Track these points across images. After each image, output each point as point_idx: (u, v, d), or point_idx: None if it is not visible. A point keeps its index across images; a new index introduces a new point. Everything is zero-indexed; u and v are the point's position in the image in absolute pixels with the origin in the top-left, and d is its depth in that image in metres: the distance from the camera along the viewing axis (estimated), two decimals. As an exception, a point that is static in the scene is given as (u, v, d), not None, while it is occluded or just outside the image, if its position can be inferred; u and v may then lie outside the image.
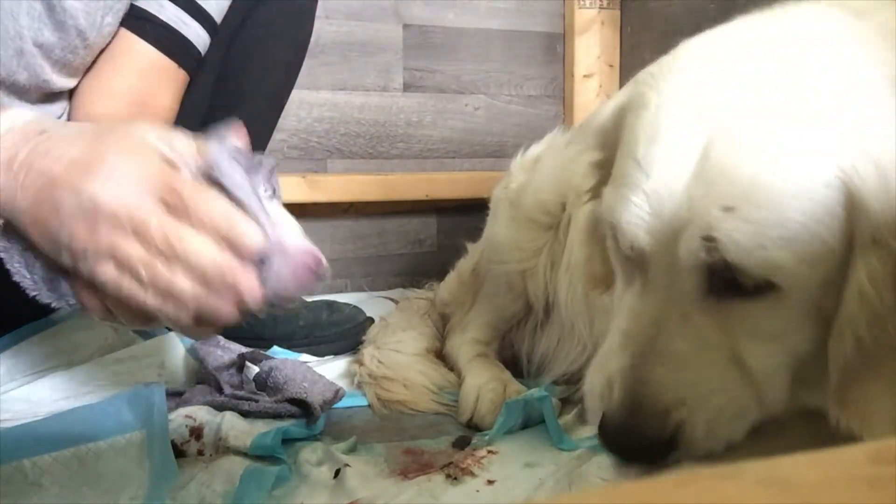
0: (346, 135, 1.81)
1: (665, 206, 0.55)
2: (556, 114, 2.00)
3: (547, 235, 1.13)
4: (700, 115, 0.56)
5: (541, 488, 0.80)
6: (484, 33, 1.92)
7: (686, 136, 0.55)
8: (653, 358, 0.57)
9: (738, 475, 0.23)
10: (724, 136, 0.54)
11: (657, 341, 0.57)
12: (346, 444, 0.90)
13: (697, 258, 0.54)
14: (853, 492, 0.23)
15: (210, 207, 0.60)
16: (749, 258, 0.53)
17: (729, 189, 0.53)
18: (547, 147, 1.21)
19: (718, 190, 0.53)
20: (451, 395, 1.09)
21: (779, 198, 0.52)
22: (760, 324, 0.57)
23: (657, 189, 0.56)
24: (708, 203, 0.53)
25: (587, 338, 1.06)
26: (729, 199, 0.53)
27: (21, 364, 1.06)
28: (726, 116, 0.55)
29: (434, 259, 1.83)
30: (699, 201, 0.54)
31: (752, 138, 0.54)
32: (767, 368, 0.57)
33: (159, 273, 0.59)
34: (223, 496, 0.76)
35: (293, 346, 1.25)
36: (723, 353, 0.57)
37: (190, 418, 0.90)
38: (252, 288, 0.60)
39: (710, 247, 0.53)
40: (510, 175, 1.22)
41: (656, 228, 0.56)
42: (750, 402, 0.58)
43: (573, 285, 1.08)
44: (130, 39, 1.04)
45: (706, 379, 0.57)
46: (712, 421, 0.57)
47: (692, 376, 0.57)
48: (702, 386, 0.57)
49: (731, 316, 0.57)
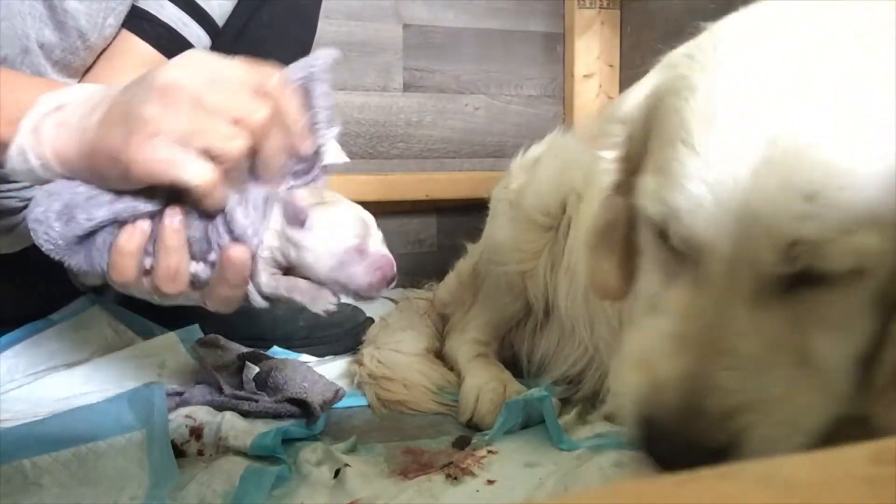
0: (345, 135, 1.81)
1: (731, 197, 0.51)
2: (556, 114, 2.00)
3: (547, 236, 1.13)
4: (762, 95, 0.51)
5: (541, 488, 0.80)
6: (484, 33, 1.92)
7: (748, 120, 0.51)
8: (717, 360, 0.52)
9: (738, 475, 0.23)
10: (793, 117, 0.50)
11: (720, 342, 0.52)
12: (346, 444, 0.90)
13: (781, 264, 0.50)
14: (853, 492, 0.23)
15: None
16: (836, 247, 0.49)
17: (808, 174, 0.48)
18: (547, 147, 1.21)
19: (796, 177, 0.49)
20: (451, 395, 1.09)
21: (862, 176, 0.48)
22: (834, 313, 0.53)
23: (721, 178, 0.51)
24: (787, 194, 0.49)
25: (588, 340, 1.06)
26: (809, 185, 0.48)
27: (21, 364, 1.06)
28: (792, 95, 0.50)
29: (434, 259, 1.83)
30: (776, 192, 0.49)
31: (826, 116, 0.49)
32: (838, 362, 0.53)
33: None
34: (223, 496, 0.76)
35: (293, 346, 1.25)
36: (792, 353, 0.53)
37: (190, 418, 0.90)
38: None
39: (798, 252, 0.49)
40: (510, 175, 1.21)
41: (720, 221, 0.51)
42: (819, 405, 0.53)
43: (573, 288, 1.07)
44: (130, 40, 1.04)
45: (775, 382, 0.52)
46: (780, 427, 0.52)
47: (761, 380, 0.52)
48: (771, 390, 0.52)
49: (803, 308, 0.52)
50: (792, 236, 0.49)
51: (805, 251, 0.49)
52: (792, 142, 0.49)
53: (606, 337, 1.01)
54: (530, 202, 1.14)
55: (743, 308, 0.52)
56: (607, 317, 1.00)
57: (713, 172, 0.51)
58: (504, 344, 1.20)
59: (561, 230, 1.12)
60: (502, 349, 1.20)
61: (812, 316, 0.52)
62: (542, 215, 1.13)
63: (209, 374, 1.02)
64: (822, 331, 0.53)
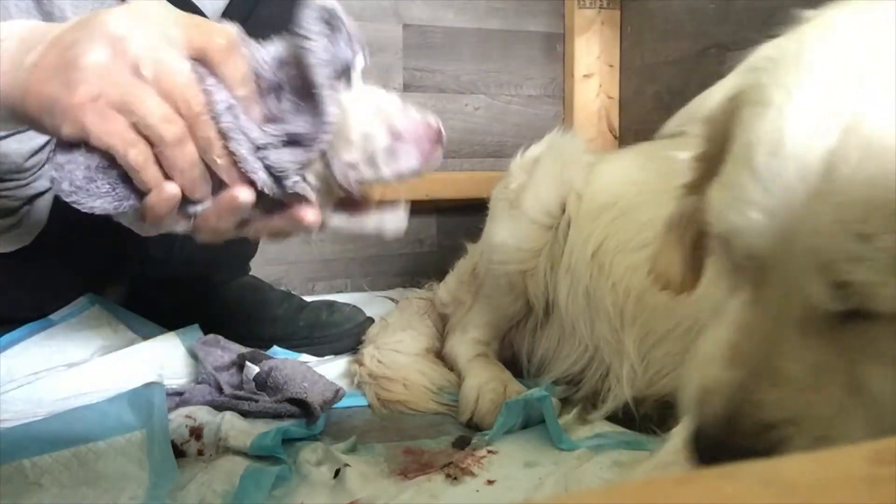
0: (345, 135, 1.81)
1: (788, 228, 0.50)
2: (555, 114, 2.00)
3: (547, 235, 1.13)
4: (831, 123, 0.49)
5: (541, 488, 0.80)
6: (484, 33, 1.92)
7: (814, 149, 0.49)
8: (765, 378, 0.53)
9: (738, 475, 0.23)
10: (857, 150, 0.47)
11: (770, 360, 0.53)
12: (346, 444, 0.90)
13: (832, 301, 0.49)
14: (853, 492, 0.23)
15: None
16: (887, 290, 0.48)
17: (863, 213, 0.47)
18: (546, 147, 1.21)
19: (849, 214, 0.47)
20: (451, 395, 1.09)
21: None
22: (887, 347, 0.52)
23: (777, 209, 0.50)
24: (840, 233, 0.47)
25: (588, 339, 1.06)
26: (863, 226, 0.47)
27: (21, 364, 1.06)
28: (861, 127, 0.48)
29: (434, 259, 1.83)
30: (829, 229, 0.48)
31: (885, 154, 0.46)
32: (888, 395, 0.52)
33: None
34: (223, 496, 0.76)
35: (293, 346, 1.25)
36: (841, 378, 0.52)
37: (190, 418, 0.90)
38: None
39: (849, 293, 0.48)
40: (510, 175, 1.22)
41: (776, 250, 0.51)
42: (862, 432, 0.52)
43: (573, 287, 1.08)
44: None
45: (820, 403, 0.52)
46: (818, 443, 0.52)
47: (805, 399, 0.52)
48: (814, 409, 0.52)
49: (856, 339, 0.52)
50: (842, 277, 0.48)
51: (856, 292, 0.48)
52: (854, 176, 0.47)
53: (607, 336, 1.01)
54: (530, 202, 1.14)
55: (794, 332, 0.52)
56: (609, 316, 1.00)
57: (772, 203, 0.50)
58: (504, 344, 1.21)
59: (560, 230, 1.12)
60: (502, 349, 1.20)
61: (864, 348, 0.52)
62: (542, 215, 1.13)
63: (209, 374, 1.02)
64: (874, 363, 0.52)
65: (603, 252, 1.04)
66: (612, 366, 1.01)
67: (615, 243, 1.03)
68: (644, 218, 0.99)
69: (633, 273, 0.98)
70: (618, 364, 1.00)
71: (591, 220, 1.07)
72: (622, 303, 0.99)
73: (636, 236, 0.99)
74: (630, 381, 0.97)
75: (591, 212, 1.08)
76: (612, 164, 1.16)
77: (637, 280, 0.96)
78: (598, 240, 1.05)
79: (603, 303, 1.01)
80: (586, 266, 1.06)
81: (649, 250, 0.91)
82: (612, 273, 1.01)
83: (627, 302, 0.98)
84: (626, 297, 0.98)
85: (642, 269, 0.93)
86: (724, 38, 1.55)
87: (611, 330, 1.00)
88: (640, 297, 0.97)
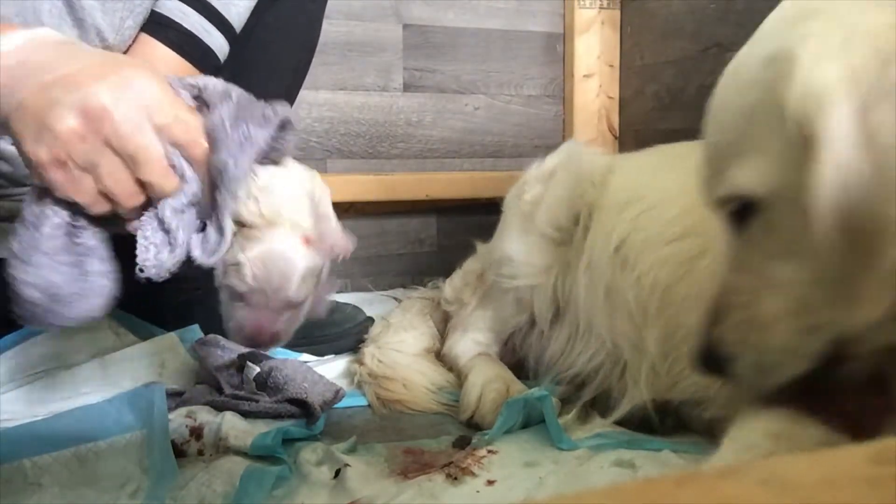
0: (345, 135, 1.81)
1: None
2: (556, 114, 2.00)
3: (558, 252, 1.12)
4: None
5: (541, 488, 0.80)
6: (484, 33, 1.92)
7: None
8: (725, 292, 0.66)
9: (738, 475, 0.23)
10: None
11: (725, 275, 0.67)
12: (346, 444, 0.90)
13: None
14: (853, 492, 0.23)
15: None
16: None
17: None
18: (562, 159, 1.18)
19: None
20: (451, 395, 1.09)
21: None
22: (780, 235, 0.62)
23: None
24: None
25: (606, 335, 1.03)
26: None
27: (21, 364, 1.06)
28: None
29: (434, 259, 1.84)
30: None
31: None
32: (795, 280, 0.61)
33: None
34: (223, 496, 0.76)
35: (293, 346, 1.25)
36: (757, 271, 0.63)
37: (190, 418, 0.90)
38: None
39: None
40: (525, 184, 1.19)
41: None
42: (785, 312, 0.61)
43: (594, 282, 1.06)
44: (152, 44, 1.04)
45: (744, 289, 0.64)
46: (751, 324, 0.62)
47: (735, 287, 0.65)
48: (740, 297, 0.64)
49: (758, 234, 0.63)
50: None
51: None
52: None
53: (627, 331, 0.99)
54: (544, 218, 1.13)
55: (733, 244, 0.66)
56: (630, 312, 0.98)
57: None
58: (506, 348, 1.20)
59: (578, 232, 1.11)
60: (504, 354, 1.19)
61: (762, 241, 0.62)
62: (555, 230, 1.12)
63: (209, 374, 1.02)
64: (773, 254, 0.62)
65: (628, 246, 1.02)
66: (629, 364, 0.98)
67: (643, 237, 1.00)
68: (673, 212, 0.97)
69: (661, 266, 0.95)
70: (636, 362, 0.97)
71: (616, 215, 1.05)
72: (646, 297, 0.96)
73: (666, 230, 0.97)
74: (649, 381, 0.94)
75: (615, 207, 1.07)
76: (635, 162, 1.15)
77: (665, 273, 0.94)
78: (623, 235, 1.03)
79: (624, 298, 0.99)
80: (609, 261, 1.03)
81: (680, 245, 0.92)
82: (638, 267, 0.99)
83: (652, 296, 0.95)
84: (651, 292, 0.96)
85: (672, 262, 0.93)
86: (724, 38, 1.55)
87: (632, 326, 0.98)
88: (667, 290, 0.94)
